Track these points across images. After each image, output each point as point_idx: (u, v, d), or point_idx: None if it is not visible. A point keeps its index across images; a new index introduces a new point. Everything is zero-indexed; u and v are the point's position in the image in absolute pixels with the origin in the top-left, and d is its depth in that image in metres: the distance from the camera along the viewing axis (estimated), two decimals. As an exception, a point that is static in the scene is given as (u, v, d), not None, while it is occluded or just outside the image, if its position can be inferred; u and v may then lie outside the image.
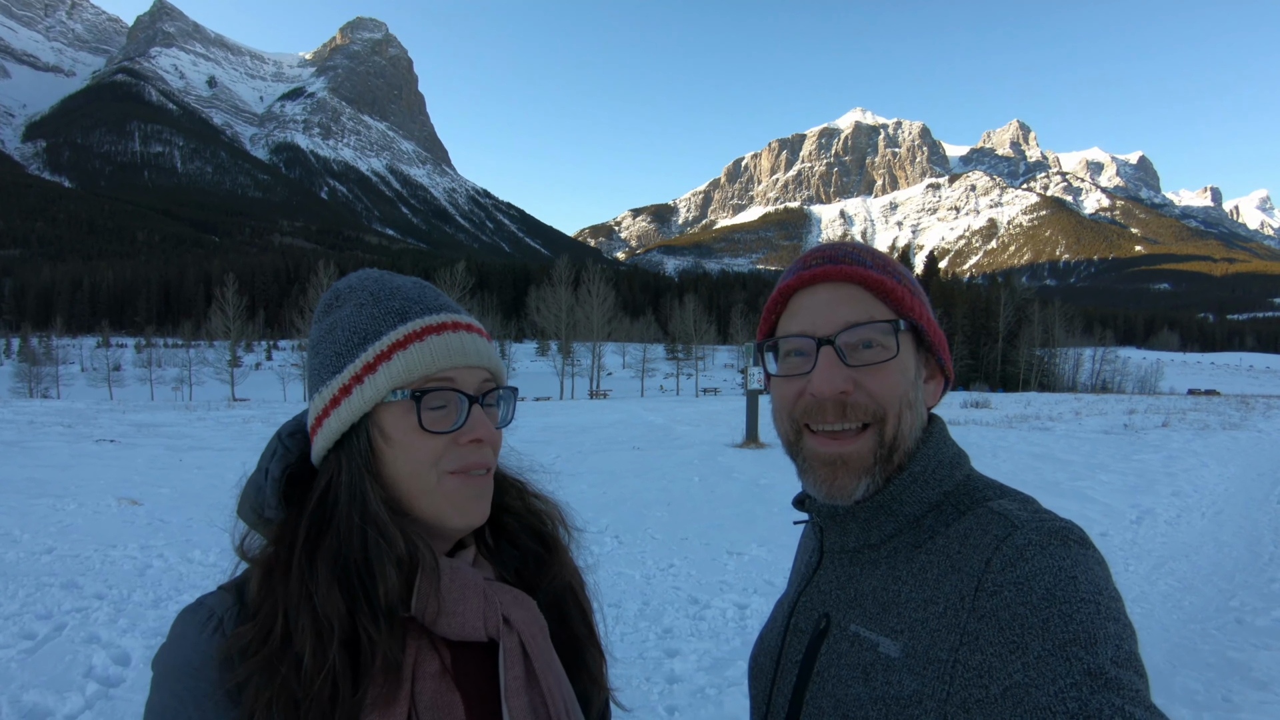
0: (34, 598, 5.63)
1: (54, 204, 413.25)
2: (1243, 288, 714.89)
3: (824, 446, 1.00)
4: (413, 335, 0.96)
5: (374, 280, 1.03)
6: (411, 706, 0.88)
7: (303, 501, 0.96)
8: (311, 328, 1.05)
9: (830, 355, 0.98)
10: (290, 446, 1.01)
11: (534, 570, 1.09)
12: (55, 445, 15.18)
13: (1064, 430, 20.94)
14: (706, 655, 4.98)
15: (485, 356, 1.00)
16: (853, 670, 0.93)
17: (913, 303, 1.01)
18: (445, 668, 0.92)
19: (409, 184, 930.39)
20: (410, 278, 1.06)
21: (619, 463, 13.48)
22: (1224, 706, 4.44)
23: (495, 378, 1.02)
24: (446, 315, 0.99)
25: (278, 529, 0.94)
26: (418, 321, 0.97)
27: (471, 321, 1.02)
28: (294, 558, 0.90)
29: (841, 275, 1.01)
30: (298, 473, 1.00)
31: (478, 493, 0.97)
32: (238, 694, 0.85)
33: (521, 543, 1.10)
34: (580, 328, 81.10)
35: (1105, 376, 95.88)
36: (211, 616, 0.90)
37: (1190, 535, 8.98)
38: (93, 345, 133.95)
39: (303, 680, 0.84)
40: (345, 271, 52.24)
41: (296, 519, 0.94)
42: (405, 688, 0.88)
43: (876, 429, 0.98)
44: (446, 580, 0.94)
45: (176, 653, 0.88)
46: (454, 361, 0.96)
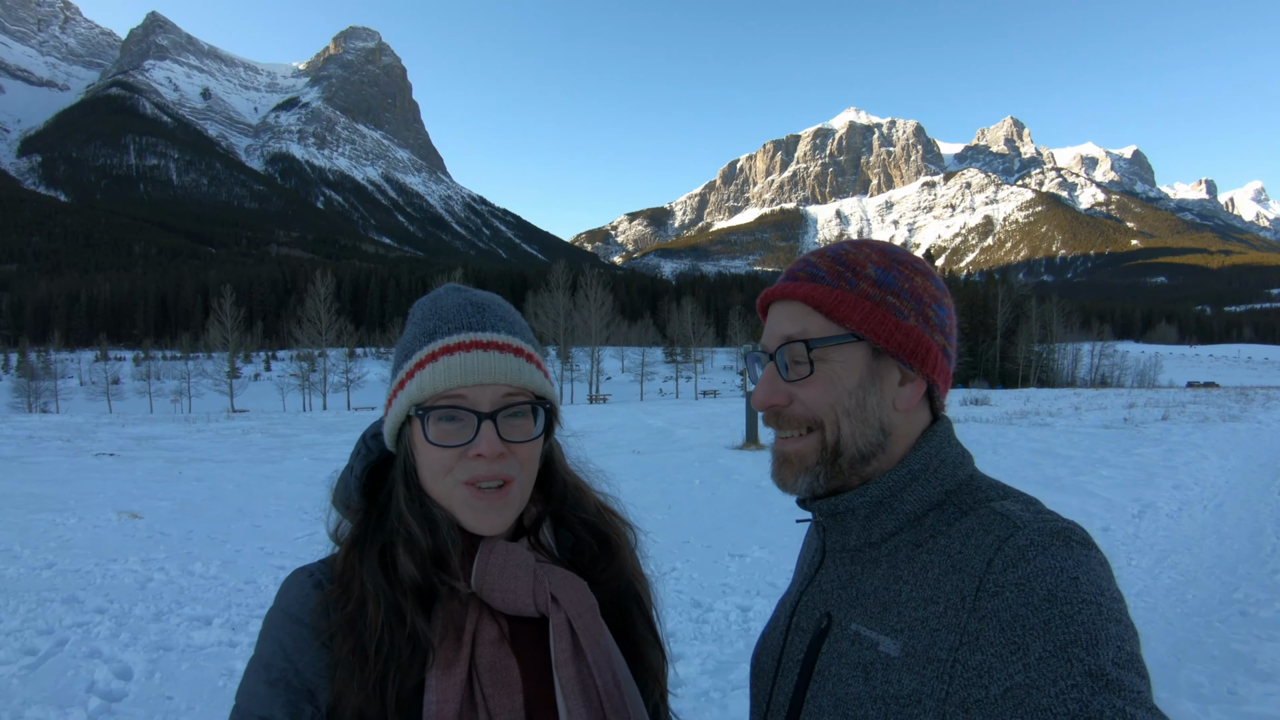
0: (35, 613, 5.62)
1: (50, 218, 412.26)
2: (1239, 280, 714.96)
3: (777, 444, 1.08)
4: (430, 356, 1.05)
5: (432, 298, 1.13)
6: (472, 668, 0.99)
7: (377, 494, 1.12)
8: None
9: (770, 370, 1.05)
10: (372, 447, 1.13)
11: (591, 566, 1.16)
12: (55, 459, 15.17)
13: (1064, 426, 20.95)
14: (710, 658, 4.97)
15: (503, 373, 1.05)
16: (853, 669, 0.94)
17: (859, 312, 1.01)
18: (504, 635, 1.03)
19: (405, 192, 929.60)
20: (473, 295, 1.13)
21: (619, 466, 13.44)
22: (1230, 699, 4.44)
23: (524, 391, 1.07)
24: (470, 334, 1.06)
25: (361, 516, 1.10)
26: (438, 342, 1.05)
27: (502, 339, 1.07)
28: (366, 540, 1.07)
29: (785, 294, 1.06)
30: (378, 468, 1.14)
31: (490, 505, 1.04)
32: (330, 642, 1.00)
33: (582, 539, 1.18)
34: (578, 332, 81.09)
35: (1104, 371, 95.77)
36: (311, 576, 1.07)
37: (1192, 528, 8.99)
38: (91, 359, 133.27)
39: (373, 637, 0.98)
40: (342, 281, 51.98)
41: (369, 510, 1.10)
42: (465, 650, 0.99)
43: (819, 433, 1.02)
44: (498, 560, 1.04)
45: (282, 608, 1.04)
46: (465, 380, 1.03)
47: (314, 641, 1.00)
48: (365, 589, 1.02)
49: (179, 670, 4.70)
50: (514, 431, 1.06)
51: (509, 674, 1.00)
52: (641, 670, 1.15)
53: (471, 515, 1.05)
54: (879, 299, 1.03)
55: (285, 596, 1.05)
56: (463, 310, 1.09)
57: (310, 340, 74.61)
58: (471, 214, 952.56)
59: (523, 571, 1.04)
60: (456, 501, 1.04)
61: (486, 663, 1.00)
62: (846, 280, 1.04)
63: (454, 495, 1.04)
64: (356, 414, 40.63)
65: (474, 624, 1.02)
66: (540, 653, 1.04)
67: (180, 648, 5.07)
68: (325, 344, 74.98)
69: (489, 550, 1.05)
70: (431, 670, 0.98)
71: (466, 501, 1.04)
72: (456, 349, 1.04)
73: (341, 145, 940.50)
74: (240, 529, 8.75)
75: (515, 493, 1.07)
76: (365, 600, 1.01)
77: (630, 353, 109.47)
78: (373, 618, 0.99)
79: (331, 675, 0.98)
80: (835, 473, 1.03)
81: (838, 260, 1.07)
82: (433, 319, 1.08)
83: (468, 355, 1.04)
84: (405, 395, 1.05)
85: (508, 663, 1.01)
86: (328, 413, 43.67)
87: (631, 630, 1.17)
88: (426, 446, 1.04)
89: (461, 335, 1.05)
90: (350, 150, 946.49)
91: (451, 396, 1.03)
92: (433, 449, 1.03)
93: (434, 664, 0.98)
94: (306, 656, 0.99)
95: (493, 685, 0.99)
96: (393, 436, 1.09)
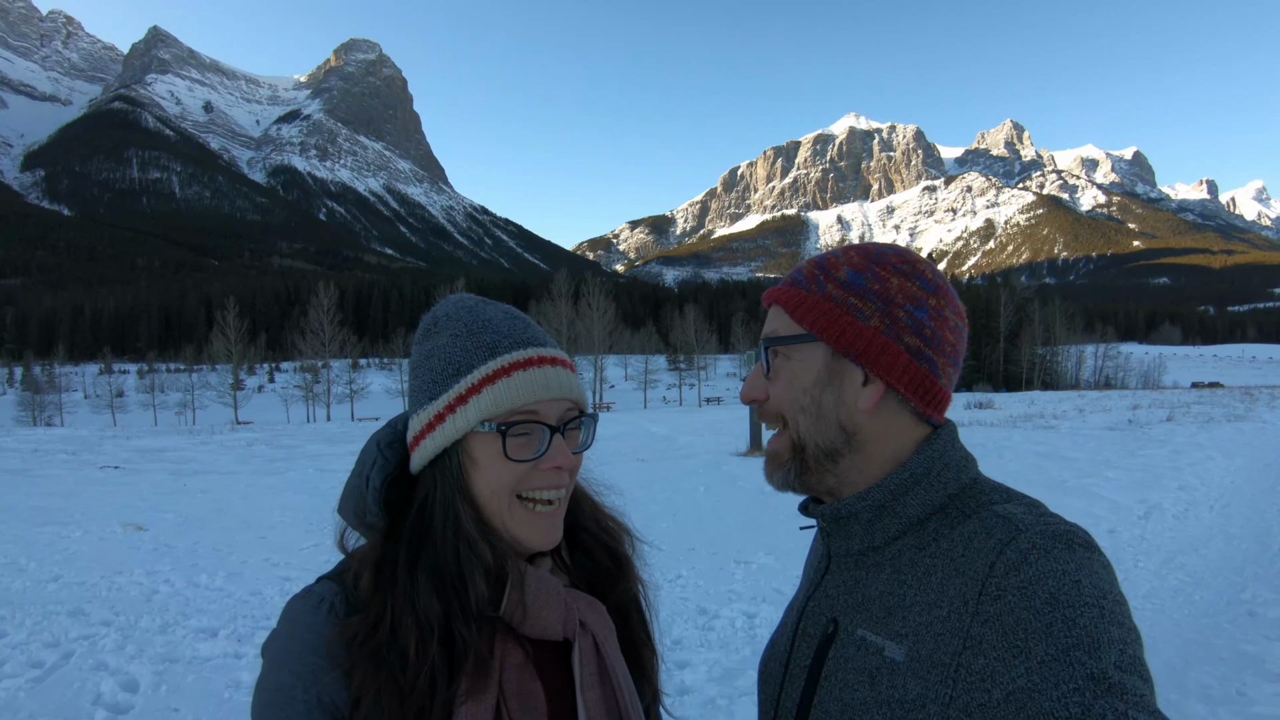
0: (41, 626, 5.61)
1: (54, 232, 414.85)
2: (1242, 279, 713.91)
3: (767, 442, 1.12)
4: (501, 370, 1.03)
5: (468, 310, 1.10)
6: (500, 693, 0.98)
7: (401, 507, 1.06)
8: (412, 349, 1.13)
9: (757, 367, 1.10)
10: (389, 457, 1.08)
11: (605, 582, 1.18)
12: (60, 473, 15.18)
13: (1068, 428, 20.90)
14: (716, 666, 4.96)
15: (568, 388, 1.07)
16: (859, 674, 0.95)
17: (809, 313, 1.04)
18: (528, 659, 1.02)
19: (407, 203, 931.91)
20: (501, 307, 1.13)
21: (623, 474, 13.39)
22: (1239, 700, 4.42)
23: (578, 405, 1.10)
24: (534, 350, 1.06)
25: (384, 535, 1.04)
26: (506, 356, 1.04)
27: (558, 354, 1.09)
28: (399, 563, 1.00)
29: (768, 297, 1.11)
30: (395, 478, 1.08)
31: (548, 522, 1.06)
32: (348, 677, 0.95)
33: (596, 557, 1.18)
34: (581, 341, 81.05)
35: (1108, 373, 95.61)
36: (323, 602, 1.00)
37: (1198, 529, 8.96)
38: (95, 372, 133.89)
39: (406, 671, 0.94)
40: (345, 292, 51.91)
41: (399, 526, 1.04)
42: (494, 678, 0.98)
43: (788, 430, 1.06)
44: (533, 588, 1.03)
45: (293, 636, 0.98)
46: (539, 395, 1.03)
47: (333, 670, 0.95)
48: (397, 617, 0.97)
49: (185, 682, 4.69)
50: (573, 444, 1.08)
51: (535, 698, 1.00)
52: (638, 671, 1.17)
53: (530, 531, 1.04)
54: (840, 300, 1.04)
55: (297, 624, 0.99)
56: (514, 325, 1.09)
57: (314, 351, 74.78)
58: (473, 224, 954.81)
59: (555, 599, 1.04)
60: (515, 518, 1.04)
61: (513, 688, 0.99)
62: (817, 282, 1.06)
63: (512, 511, 1.04)
64: (360, 425, 40.69)
65: (501, 648, 1.01)
66: (560, 674, 1.05)
67: (186, 659, 5.06)
68: (329, 355, 75.14)
69: (521, 577, 1.04)
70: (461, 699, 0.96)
71: (526, 518, 1.04)
72: (528, 364, 1.04)
73: (343, 157, 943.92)
74: (245, 540, 8.75)
75: (564, 506, 1.09)
76: (396, 629, 0.96)
77: (633, 360, 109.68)
78: (408, 647, 0.95)
79: (353, 709, 0.94)
80: (804, 469, 1.05)
81: (819, 264, 1.09)
82: (487, 332, 1.06)
83: (539, 371, 1.04)
84: (473, 410, 1.02)
85: (533, 687, 1.00)
86: (332, 424, 43.78)
87: (631, 635, 1.18)
88: (496, 462, 1.02)
89: (529, 350, 1.06)
90: (352, 162, 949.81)
91: (527, 412, 1.03)
92: (504, 464, 1.02)
93: (463, 691, 0.96)
94: (329, 688, 0.95)
95: (520, 710, 0.98)
96: (434, 453, 1.05)
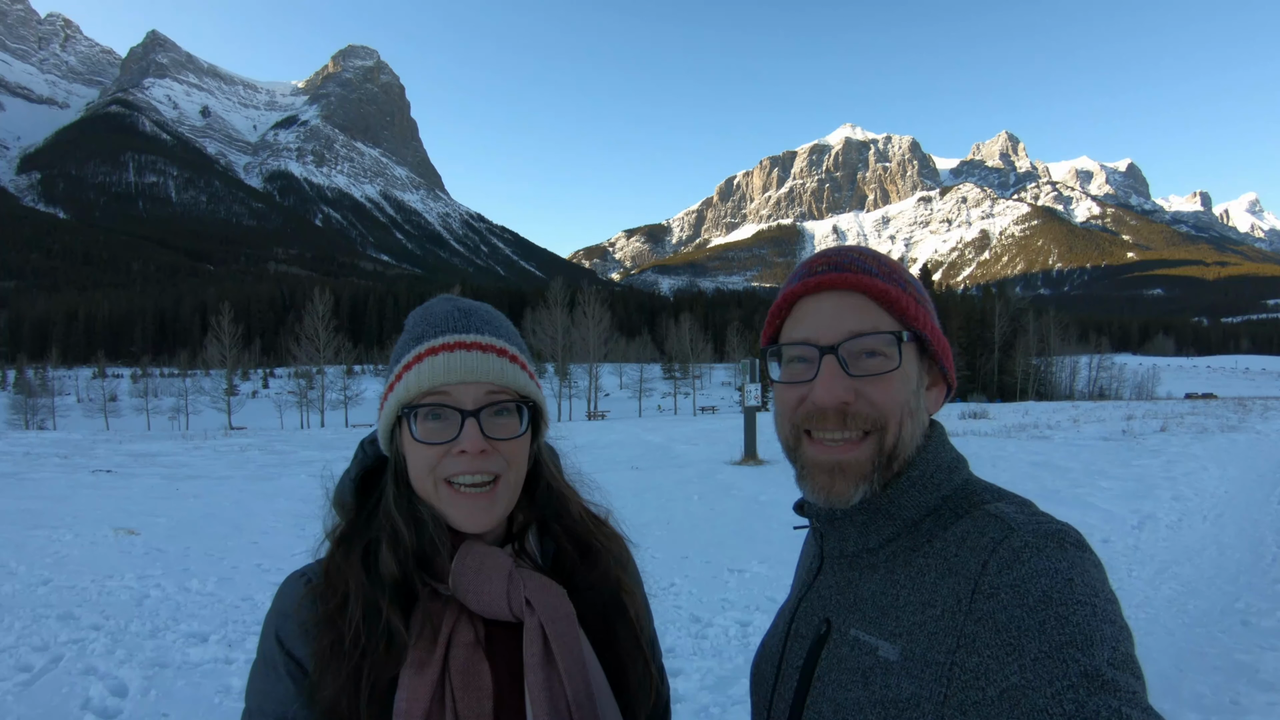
0: (30, 629, 5.57)
1: (49, 235, 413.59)
2: (1236, 290, 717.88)
3: (823, 454, 1.01)
4: (416, 358, 1.09)
5: (424, 308, 1.18)
6: (445, 670, 1.01)
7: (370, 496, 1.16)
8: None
9: (832, 364, 0.99)
10: (369, 452, 1.19)
11: (570, 570, 1.17)
12: (52, 476, 15.09)
13: (1063, 438, 20.91)
14: (709, 674, 4.95)
15: (483, 371, 1.08)
16: (853, 674, 0.94)
17: (917, 311, 1.01)
18: (478, 640, 1.05)
19: (403, 210, 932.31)
20: (461, 303, 1.17)
21: (617, 482, 13.36)
22: (1232, 710, 4.42)
23: (507, 390, 1.11)
24: (454, 336, 1.10)
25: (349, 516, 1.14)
26: (425, 344, 1.10)
27: (481, 340, 1.11)
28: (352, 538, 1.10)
29: (846, 284, 1.01)
30: (374, 469, 1.18)
31: (472, 503, 1.07)
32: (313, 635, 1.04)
33: (562, 545, 1.19)
34: (576, 349, 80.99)
35: (1102, 383, 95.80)
36: (303, 576, 1.11)
37: (1192, 539, 8.97)
38: (88, 376, 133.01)
39: (351, 632, 1.01)
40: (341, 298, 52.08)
41: (359, 509, 1.14)
42: (439, 652, 1.01)
43: (877, 437, 0.99)
44: (474, 561, 1.07)
45: (277, 607, 1.09)
46: (448, 378, 1.06)
47: (300, 633, 1.04)
48: (348, 585, 1.05)
49: (175, 687, 4.66)
50: (499, 429, 1.09)
51: (480, 677, 1.01)
52: (623, 685, 1.14)
53: (458, 513, 1.07)
54: (923, 301, 1.02)
55: (281, 597, 1.10)
56: (450, 316, 1.13)
57: (308, 357, 74.47)
58: (469, 231, 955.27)
59: (497, 574, 1.06)
60: (443, 500, 1.07)
61: (459, 665, 1.01)
62: (896, 278, 1.02)
63: (439, 494, 1.07)
64: (354, 431, 40.52)
65: (450, 625, 1.04)
66: (516, 658, 1.06)
67: (176, 664, 5.03)
68: (323, 361, 74.85)
69: (466, 551, 1.08)
70: (405, 669, 1.00)
71: (451, 499, 1.07)
72: (441, 349, 1.08)
73: (340, 163, 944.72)
74: (237, 545, 8.70)
75: (503, 490, 1.10)
76: (347, 596, 1.04)
77: (629, 369, 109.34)
78: (352, 613, 1.02)
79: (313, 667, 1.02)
80: (886, 477, 1.00)
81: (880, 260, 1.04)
82: (421, 325, 1.13)
83: (451, 355, 1.08)
84: (394, 397, 1.09)
85: (480, 666, 1.02)
86: (326, 430, 43.59)
87: (615, 643, 1.16)
88: (414, 444, 1.07)
89: (446, 337, 1.09)
90: (349, 168, 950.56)
91: (436, 394, 1.06)
92: (419, 446, 1.06)
93: (408, 663, 1.00)
94: (300, 649, 1.03)
95: (463, 687, 1.00)
96: (386, 439, 1.14)
